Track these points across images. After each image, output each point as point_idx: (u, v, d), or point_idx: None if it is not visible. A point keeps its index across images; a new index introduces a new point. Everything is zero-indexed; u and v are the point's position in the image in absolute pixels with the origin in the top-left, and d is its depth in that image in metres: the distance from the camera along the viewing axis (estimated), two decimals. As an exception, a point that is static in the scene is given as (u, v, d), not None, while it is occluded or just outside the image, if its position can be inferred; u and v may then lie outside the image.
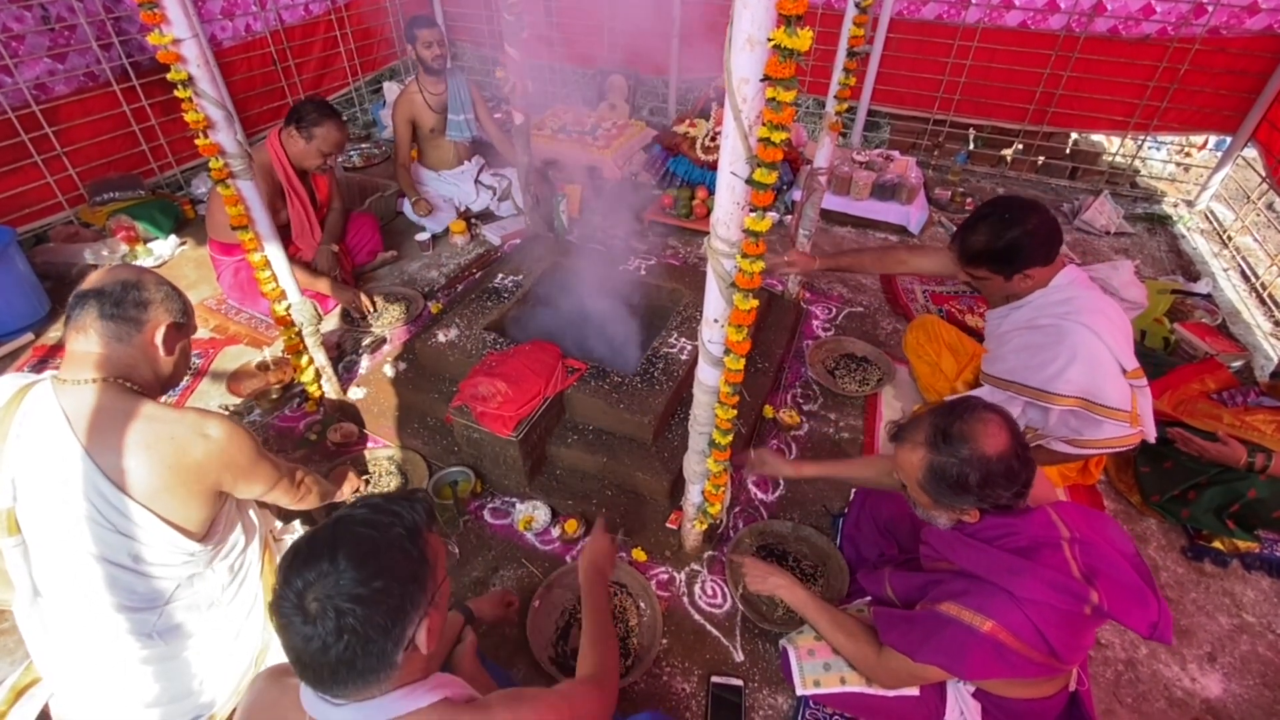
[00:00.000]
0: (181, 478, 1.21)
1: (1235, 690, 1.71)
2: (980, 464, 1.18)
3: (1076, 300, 1.72)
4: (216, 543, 1.33)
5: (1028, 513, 1.24)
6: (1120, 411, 1.67)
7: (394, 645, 0.82)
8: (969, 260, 1.79)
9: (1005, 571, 1.18)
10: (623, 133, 4.28)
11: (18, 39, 3.08)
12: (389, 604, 0.80)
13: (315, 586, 0.78)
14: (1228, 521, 1.98)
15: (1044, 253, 1.71)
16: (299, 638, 0.78)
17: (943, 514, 1.29)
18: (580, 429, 2.17)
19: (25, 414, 1.17)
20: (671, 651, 1.74)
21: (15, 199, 3.18)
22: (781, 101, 1.00)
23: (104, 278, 1.24)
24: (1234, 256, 3.51)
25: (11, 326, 2.75)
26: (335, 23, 4.58)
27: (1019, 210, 1.70)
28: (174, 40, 1.59)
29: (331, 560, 0.79)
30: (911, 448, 1.27)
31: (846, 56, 2.15)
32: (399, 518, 0.86)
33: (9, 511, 1.17)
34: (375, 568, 0.80)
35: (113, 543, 1.18)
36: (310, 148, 2.63)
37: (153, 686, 1.29)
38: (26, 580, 1.23)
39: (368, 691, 0.84)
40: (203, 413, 1.27)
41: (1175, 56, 3.61)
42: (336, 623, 0.77)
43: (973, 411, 1.22)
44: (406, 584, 0.83)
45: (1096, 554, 1.19)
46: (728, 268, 1.24)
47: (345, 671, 0.80)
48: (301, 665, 0.81)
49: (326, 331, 2.76)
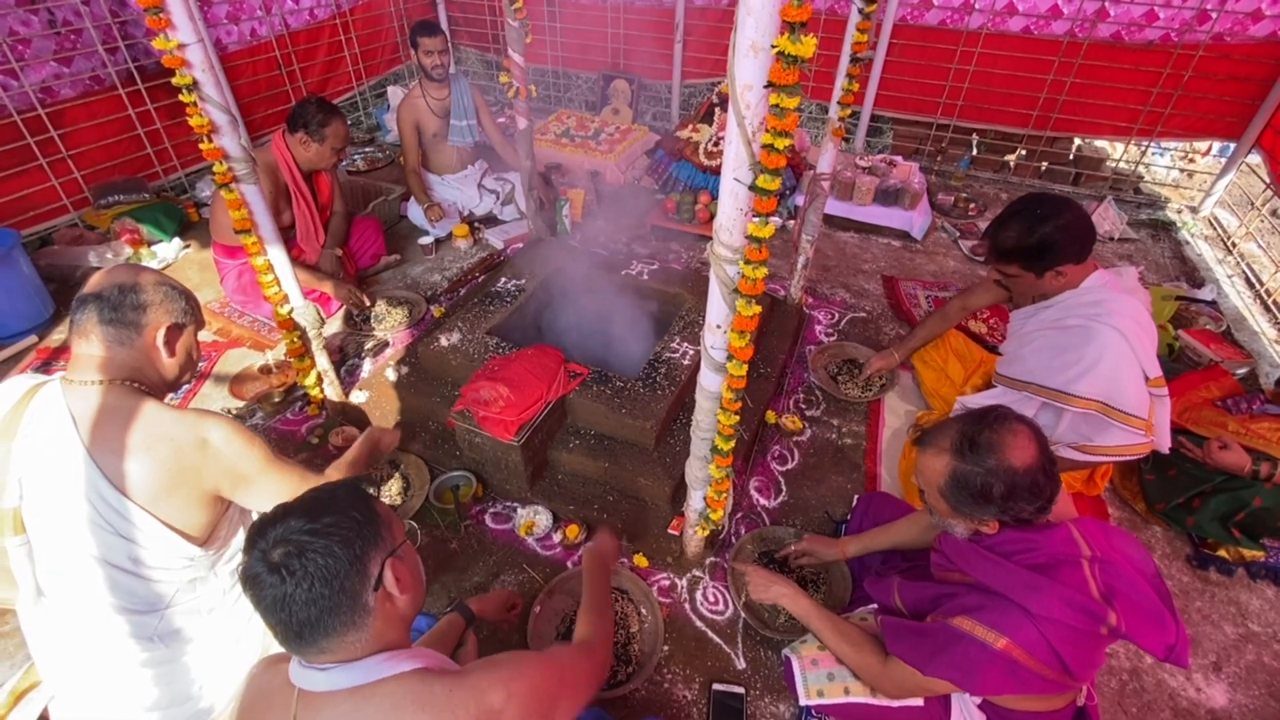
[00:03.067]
0: (179, 481, 1.20)
1: (1241, 700, 1.69)
2: (1006, 476, 1.16)
3: (1108, 303, 1.70)
4: (218, 548, 1.33)
5: (1048, 528, 1.22)
6: (1137, 418, 1.65)
7: (359, 580, 0.86)
8: (1000, 256, 1.76)
9: (1023, 588, 1.16)
10: (626, 137, 4.29)
11: (24, 42, 3.09)
12: (341, 534, 0.86)
13: (272, 538, 0.85)
14: (1233, 530, 1.96)
15: (1076, 249, 1.69)
16: (269, 590, 0.84)
17: (960, 523, 1.27)
18: (582, 434, 2.17)
19: (34, 414, 1.17)
20: (673, 658, 1.73)
21: (20, 202, 3.20)
22: (785, 108, 0.99)
23: (102, 281, 1.23)
24: (1238, 263, 3.50)
25: (15, 329, 2.76)
26: (340, 27, 4.60)
27: (1052, 206, 1.68)
28: (179, 45, 1.60)
29: (283, 519, 0.87)
30: (936, 453, 1.24)
31: (850, 62, 2.15)
32: (340, 484, 0.97)
33: (14, 511, 1.17)
34: (321, 510, 0.88)
35: (113, 545, 1.18)
36: (325, 149, 2.66)
37: (152, 690, 1.29)
38: (30, 580, 1.23)
39: (349, 643, 0.87)
40: (204, 415, 1.25)
41: (1179, 63, 3.61)
42: (299, 560, 0.83)
43: (1003, 421, 1.20)
44: (357, 524, 0.89)
45: (1116, 574, 1.17)
46: (731, 273, 1.23)
47: (318, 612, 0.84)
48: (279, 623, 0.85)
49: (329, 335, 2.77)
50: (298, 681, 0.88)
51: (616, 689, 1.60)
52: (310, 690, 0.87)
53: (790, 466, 2.28)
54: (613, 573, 1.59)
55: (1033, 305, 1.84)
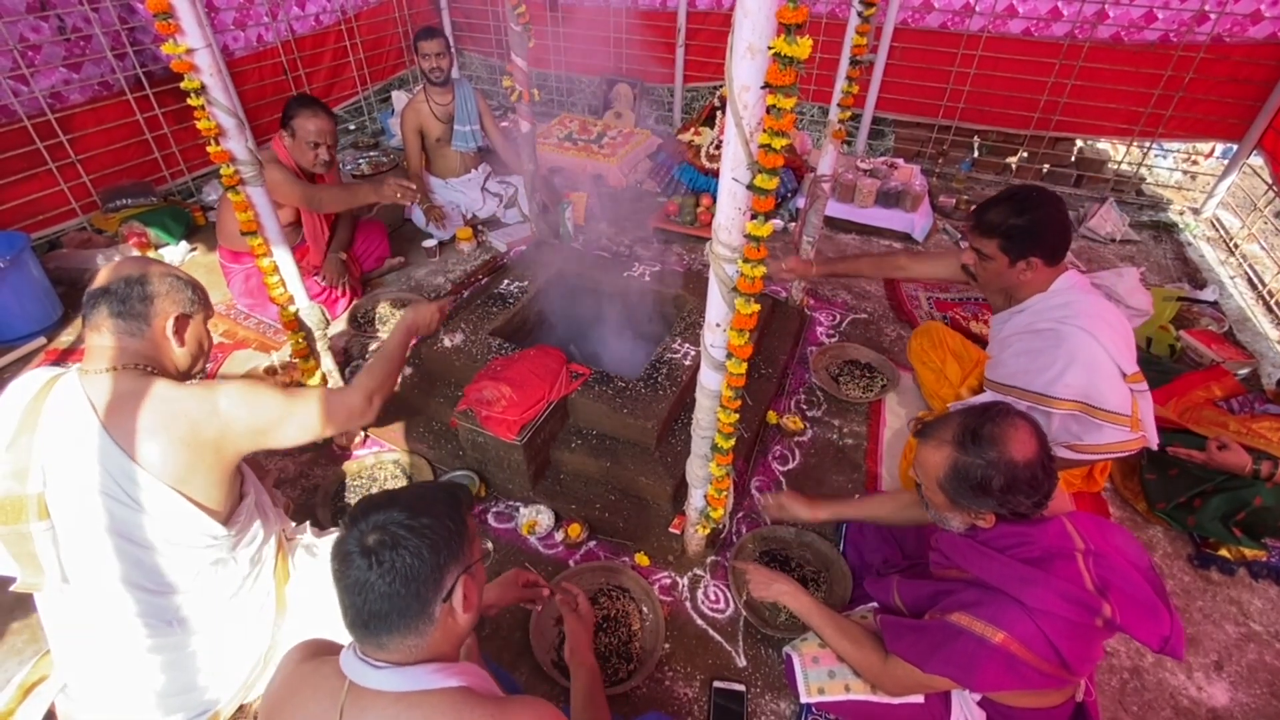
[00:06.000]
0: (199, 454, 1.23)
1: (1242, 699, 1.69)
2: (1006, 469, 1.17)
3: (1075, 304, 1.72)
4: (239, 529, 1.35)
5: (1042, 522, 1.23)
6: (1120, 415, 1.66)
7: (433, 590, 0.89)
8: (983, 231, 1.78)
9: (1017, 581, 1.17)
10: (628, 140, 4.32)
11: (34, 49, 3.13)
12: (433, 539, 0.89)
13: (373, 521, 0.89)
14: (1234, 529, 1.96)
15: (1052, 245, 1.72)
16: (355, 570, 0.87)
17: (957, 516, 1.28)
18: (584, 434, 2.18)
19: (53, 403, 1.20)
20: (674, 656, 1.74)
21: (30, 205, 3.23)
22: (782, 108, 1.01)
23: (110, 275, 1.27)
24: (1241, 264, 3.50)
25: (24, 330, 2.79)
26: (344, 33, 4.64)
27: (1044, 197, 1.73)
28: (188, 50, 1.62)
29: (388, 507, 0.91)
30: (937, 445, 1.26)
31: (849, 65, 2.17)
32: (442, 489, 0.99)
33: (39, 496, 1.19)
34: (422, 510, 0.91)
35: (137, 522, 1.21)
36: (296, 143, 2.65)
37: (159, 678, 1.31)
38: (55, 565, 1.25)
39: (405, 648, 0.89)
40: (213, 386, 1.29)
41: (1180, 64, 3.62)
42: (391, 551, 0.87)
43: (1005, 416, 1.22)
44: (449, 534, 0.92)
45: (1110, 566, 1.18)
46: (730, 272, 1.25)
47: (388, 607, 0.87)
48: (352, 604, 0.88)
49: (334, 335, 2.78)
50: (350, 673, 0.90)
51: (617, 686, 1.61)
52: (362, 685, 0.89)
53: (791, 466, 2.29)
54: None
55: (1007, 310, 1.87)
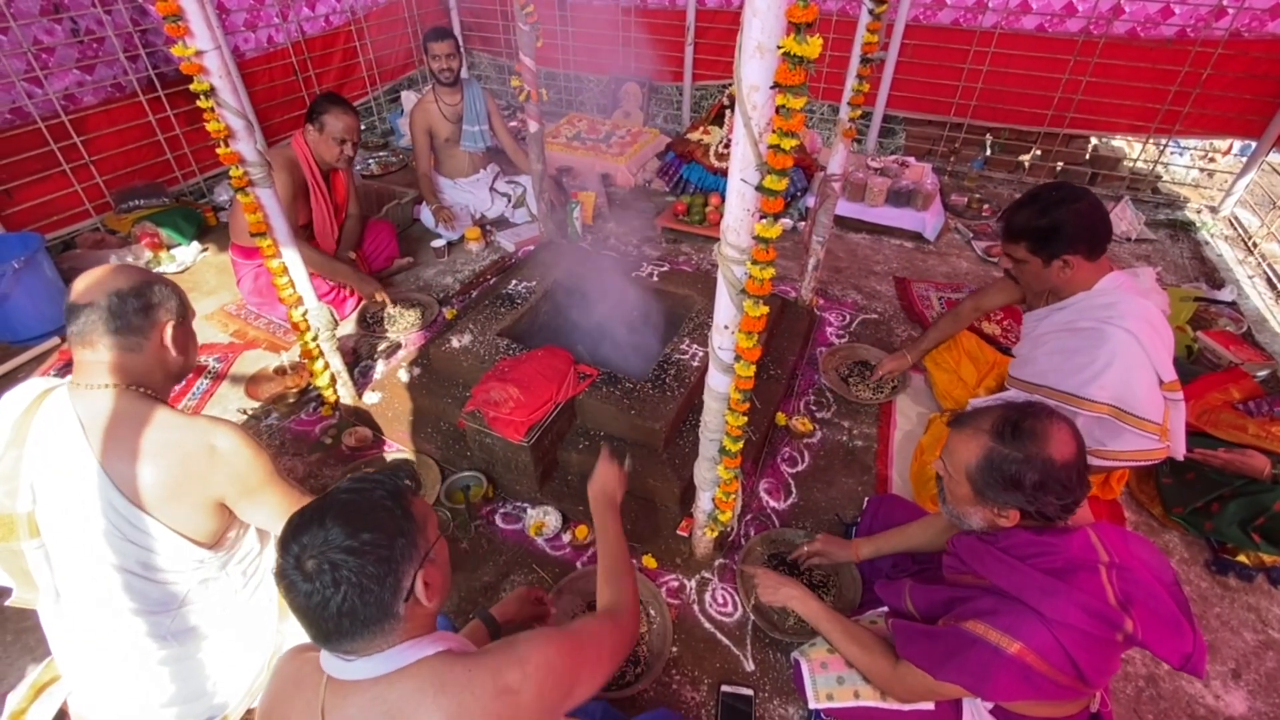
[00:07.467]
0: (185, 487, 1.21)
1: (1260, 709, 1.66)
2: (1042, 466, 1.14)
3: (1121, 305, 1.67)
4: (228, 549, 1.34)
5: (1066, 532, 1.20)
6: (1150, 424, 1.63)
7: (391, 595, 0.87)
8: (1010, 235, 1.75)
9: (1037, 591, 1.14)
10: (636, 140, 4.30)
11: (48, 51, 3.17)
12: (378, 553, 0.86)
13: (309, 547, 0.84)
14: (1253, 535, 1.92)
15: (1087, 239, 1.67)
16: (301, 596, 0.84)
17: (979, 512, 1.24)
18: (591, 435, 2.17)
19: (43, 420, 1.19)
20: (681, 659, 1.73)
21: (44, 206, 3.27)
22: (791, 109, 1.00)
23: (95, 289, 1.19)
24: (1259, 263, 3.44)
25: (38, 331, 2.82)
26: (354, 33, 4.66)
27: (1069, 191, 1.67)
28: (197, 52, 1.63)
29: (320, 524, 0.86)
30: (973, 433, 1.22)
31: (860, 63, 2.14)
32: (379, 484, 0.93)
33: (29, 515, 1.19)
34: (361, 524, 0.86)
35: (124, 550, 1.19)
36: (323, 137, 2.68)
37: (168, 686, 1.31)
38: (49, 582, 1.25)
39: (377, 644, 0.88)
40: (214, 421, 1.26)
41: (1197, 60, 3.56)
42: (332, 575, 0.83)
43: (1048, 414, 1.20)
44: (394, 536, 0.88)
45: (1133, 580, 1.15)
46: (738, 274, 1.24)
47: (349, 623, 0.85)
48: (310, 624, 0.86)
49: (342, 336, 2.80)
50: (327, 668, 0.90)
51: (625, 689, 1.60)
52: (339, 678, 0.89)
53: (800, 469, 2.27)
54: (620, 497, 1.54)
55: (1046, 307, 1.82)
